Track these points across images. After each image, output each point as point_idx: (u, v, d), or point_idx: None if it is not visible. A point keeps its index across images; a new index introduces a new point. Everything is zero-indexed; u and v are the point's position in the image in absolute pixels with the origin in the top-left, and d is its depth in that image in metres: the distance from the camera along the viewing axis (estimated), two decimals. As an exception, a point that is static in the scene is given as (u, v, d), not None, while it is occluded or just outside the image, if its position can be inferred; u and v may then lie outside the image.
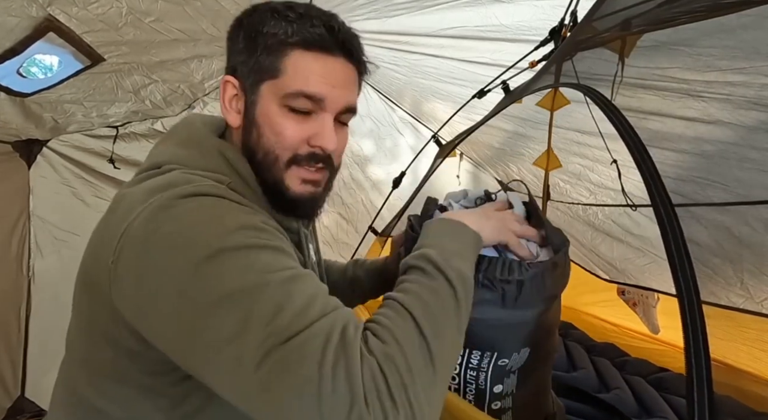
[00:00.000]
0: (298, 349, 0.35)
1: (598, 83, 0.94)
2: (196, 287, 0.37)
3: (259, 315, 0.36)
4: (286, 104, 0.48)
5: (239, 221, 0.41)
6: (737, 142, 0.99)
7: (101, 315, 0.44)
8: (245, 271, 0.38)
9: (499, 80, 1.37)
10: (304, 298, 0.38)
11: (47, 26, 0.97)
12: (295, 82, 0.47)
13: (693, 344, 0.31)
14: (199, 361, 0.38)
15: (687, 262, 0.36)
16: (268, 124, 0.49)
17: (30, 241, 1.66)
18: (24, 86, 1.21)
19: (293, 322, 0.36)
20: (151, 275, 0.39)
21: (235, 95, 0.51)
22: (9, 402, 1.62)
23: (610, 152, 1.40)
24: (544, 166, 1.93)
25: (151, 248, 0.40)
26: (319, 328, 0.36)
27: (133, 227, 0.41)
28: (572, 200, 1.89)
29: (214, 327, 0.37)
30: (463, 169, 2.27)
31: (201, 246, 0.38)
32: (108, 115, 1.56)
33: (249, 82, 0.49)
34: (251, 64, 0.49)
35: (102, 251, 0.43)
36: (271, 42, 0.47)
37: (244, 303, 0.37)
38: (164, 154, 0.51)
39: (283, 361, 0.35)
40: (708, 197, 1.15)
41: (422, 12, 1.23)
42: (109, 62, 1.22)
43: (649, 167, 0.44)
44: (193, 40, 1.27)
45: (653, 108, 1.05)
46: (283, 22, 0.47)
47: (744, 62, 0.82)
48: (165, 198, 0.41)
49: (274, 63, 0.47)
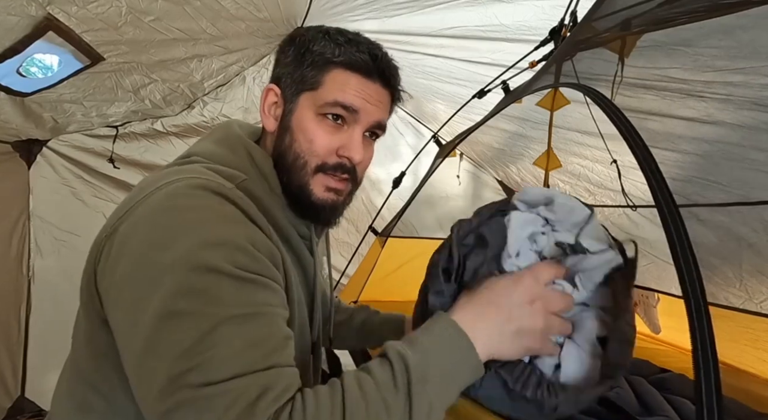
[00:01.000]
0: (205, 399, 0.35)
1: (598, 83, 0.94)
2: (153, 294, 0.38)
3: (192, 345, 0.36)
4: (321, 112, 0.52)
5: (222, 235, 0.41)
6: (737, 143, 0.99)
7: (93, 295, 0.46)
8: (200, 296, 0.38)
9: (499, 80, 1.37)
10: (242, 343, 0.37)
11: (47, 25, 0.97)
12: (332, 92, 0.52)
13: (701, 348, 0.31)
14: (128, 360, 0.41)
15: (694, 264, 0.35)
16: (302, 130, 0.52)
17: (30, 241, 1.66)
18: (24, 86, 1.21)
19: (216, 369, 0.36)
20: (125, 261, 0.41)
21: (275, 103, 0.55)
22: (9, 402, 1.62)
23: (610, 152, 1.40)
24: (544, 166, 1.93)
25: (137, 235, 0.42)
26: (234, 386, 0.35)
27: (137, 209, 0.44)
28: (572, 200, 1.89)
29: (147, 337, 0.38)
30: (463, 169, 2.27)
31: (175, 252, 0.39)
32: (108, 114, 1.56)
33: (290, 92, 0.54)
34: (295, 75, 0.53)
35: (103, 229, 0.46)
36: (317, 58, 0.52)
37: (184, 327, 0.37)
38: (196, 147, 0.55)
39: (186, 404, 0.35)
40: (708, 198, 1.15)
41: (422, 12, 1.23)
42: (108, 61, 1.22)
43: (651, 167, 0.44)
44: (192, 40, 1.27)
45: (653, 108, 1.05)
46: (332, 44, 0.52)
47: (744, 62, 0.82)
48: (172, 187, 0.44)
49: (316, 76, 0.52)
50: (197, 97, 1.67)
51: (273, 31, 1.42)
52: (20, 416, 1.63)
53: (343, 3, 1.23)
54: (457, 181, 2.24)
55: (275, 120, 0.55)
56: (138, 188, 0.48)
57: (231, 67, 1.56)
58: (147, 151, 1.77)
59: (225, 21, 1.23)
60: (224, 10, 1.17)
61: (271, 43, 1.53)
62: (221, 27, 1.25)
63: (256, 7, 1.21)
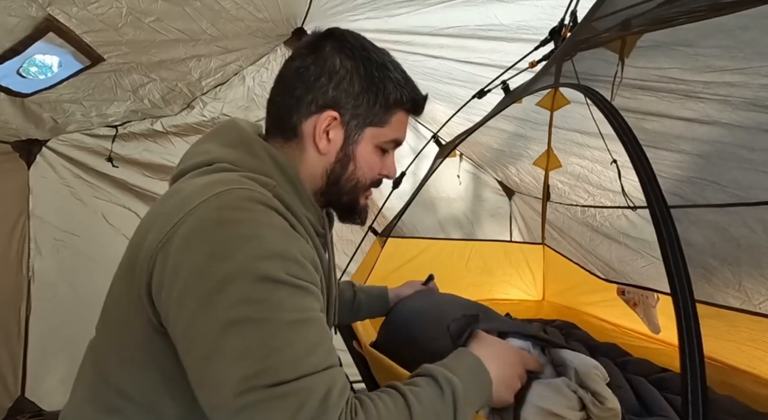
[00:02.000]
0: (279, 397, 0.38)
1: (598, 84, 0.95)
2: (215, 302, 0.40)
3: (258, 349, 0.39)
4: (380, 146, 0.60)
5: (276, 247, 0.44)
6: (736, 143, 0.99)
7: (137, 296, 0.46)
8: (261, 304, 0.41)
9: (499, 80, 1.37)
10: (304, 346, 0.41)
11: (47, 26, 0.97)
12: (394, 133, 0.60)
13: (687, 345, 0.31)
14: (192, 364, 0.42)
15: (682, 264, 0.36)
16: (365, 161, 0.59)
17: (30, 241, 1.67)
18: (24, 86, 1.22)
19: (284, 369, 0.39)
20: (185, 272, 0.42)
21: (331, 127, 0.58)
22: (9, 402, 1.63)
23: (610, 152, 1.40)
24: (544, 166, 1.93)
25: (193, 247, 0.42)
26: (305, 384, 0.39)
27: (187, 221, 0.44)
28: (571, 202, 1.89)
29: (214, 342, 0.40)
30: (463, 170, 2.27)
31: (235, 263, 0.41)
32: (107, 114, 1.56)
33: (354, 123, 0.58)
34: (362, 110, 0.57)
35: (151, 237, 0.46)
36: (387, 101, 0.58)
37: (250, 333, 0.39)
38: (212, 152, 0.55)
39: (261, 403, 0.38)
40: (706, 198, 1.15)
41: (422, 11, 1.23)
42: (108, 62, 1.22)
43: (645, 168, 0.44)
44: (192, 40, 1.27)
45: (652, 108, 1.05)
46: (394, 84, 0.58)
47: (744, 62, 0.82)
48: (222, 199, 0.45)
49: (384, 117, 0.59)
50: (196, 96, 1.66)
51: (273, 32, 1.42)
52: (20, 416, 1.64)
53: (343, 3, 1.23)
54: (457, 182, 2.24)
55: (328, 142, 0.57)
56: (179, 200, 0.47)
57: (229, 66, 1.56)
58: (146, 151, 1.77)
59: (225, 21, 1.23)
60: (224, 10, 1.17)
61: (271, 43, 1.53)
62: (221, 27, 1.25)
63: (256, 7, 1.21)
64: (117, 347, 0.49)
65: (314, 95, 0.56)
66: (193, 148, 0.59)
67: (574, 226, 1.93)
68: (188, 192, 0.47)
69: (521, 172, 2.09)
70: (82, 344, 0.55)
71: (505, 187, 2.35)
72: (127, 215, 1.76)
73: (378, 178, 0.62)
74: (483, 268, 2.08)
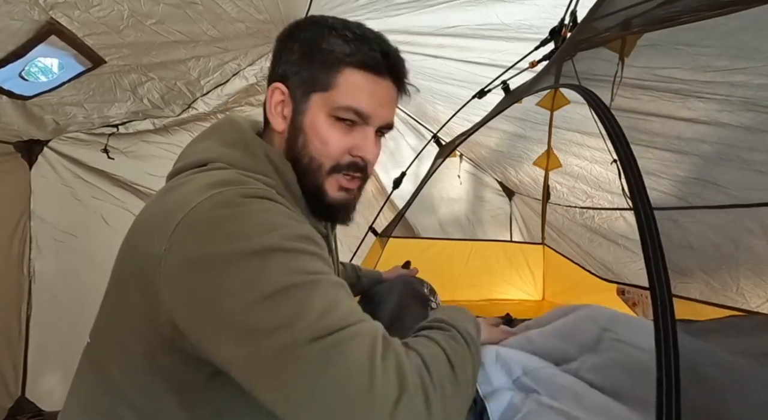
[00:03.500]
0: (348, 339, 0.38)
1: (599, 83, 0.94)
2: (251, 278, 0.39)
3: (312, 309, 0.38)
4: (334, 115, 0.52)
5: (296, 229, 0.44)
6: (736, 144, 0.99)
7: (143, 302, 0.44)
8: (300, 270, 0.40)
9: (500, 80, 1.37)
10: (348, 303, 0.41)
11: (49, 29, 0.97)
12: (346, 97, 0.51)
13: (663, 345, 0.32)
14: (242, 350, 0.38)
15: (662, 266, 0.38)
16: (315, 132, 0.52)
17: (31, 241, 1.67)
18: (26, 89, 1.21)
19: (342, 319, 0.39)
20: (209, 263, 0.40)
21: (282, 101, 0.54)
22: (10, 402, 1.63)
23: (610, 153, 1.40)
24: (544, 166, 1.93)
25: (211, 238, 0.40)
26: (365, 327, 0.40)
27: (191, 217, 0.42)
28: (569, 203, 1.89)
29: (266, 316, 0.38)
30: (464, 170, 2.27)
31: (261, 242, 0.40)
32: (109, 116, 1.56)
33: (300, 92, 0.53)
34: (304, 75, 0.52)
35: (150, 239, 0.43)
36: (328, 58, 0.51)
37: (298, 297, 0.39)
38: (210, 151, 0.52)
39: (334, 347, 0.37)
40: (706, 199, 1.15)
41: (423, 11, 1.23)
42: (109, 64, 1.22)
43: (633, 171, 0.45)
44: (193, 42, 1.28)
45: (652, 108, 1.05)
46: (341, 41, 0.51)
47: (744, 62, 0.82)
48: (226, 194, 0.43)
49: (327, 77, 0.51)
50: (196, 96, 1.66)
51: (273, 33, 1.41)
52: (20, 416, 1.64)
53: (343, 3, 1.24)
54: (457, 182, 2.25)
55: (283, 119, 0.54)
56: (177, 199, 0.45)
57: (228, 65, 1.56)
58: (144, 142, 1.76)
59: (225, 23, 1.23)
60: (225, 12, 1.17)
61: (270, 44, 1.53)
62: (222, 29, 1.25)
63: (256, 8, 1.21)
64: (122, 355, 0.47)
65: (270, 75, 0.56)
66: (191, 145, 0.57)
67: (573, 228, 1.93)
68: (186, 191, 0.45)
69: (521, 172, 2.09)
70: (83, 345, 0.54)
71: (505, 188, 2.35)
72: (127, 216, 1.76)
73: (349, 159, 0.54)
74: (483, 268, 2.08)
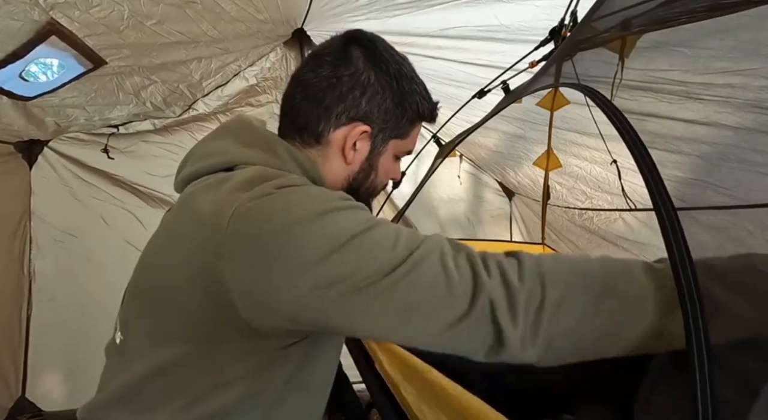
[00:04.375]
0: (421, 258, 0.42)
1: (598, 84, 0.94)
2: (320, 236, 0.42)
3: (383, 245, 0.43)
4: (397, 155, 0.63)
5: (342, 195, 0.49)
6: (736, 145, 0.99)
7: (202, 297, 0.45)
8: (360, 221, 0.45)
9: (499, 80, 1.37)
10: (407, 231, 0.46)
11: (50, 30, 0.97)
12: (412, 143, 0.63)
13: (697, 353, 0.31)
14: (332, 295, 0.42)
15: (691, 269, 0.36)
16: (384, 169, 0.62)
17: (31, 241, 1.67)
18: (26, 90, 1.22)
19: (409, 244, 0.43)
20: (277, 235, 0.42)
21: (360, 139, 0.59)
22: (10, 402, 1.63)
23: (610, 153, 1.40)
24: (544, 167, 1.93)
25: (270, 218, 0.43)
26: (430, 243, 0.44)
27: (243, 209, 0.44)
28: (568, 204, 1.89)
29: (349, 261, 0.42)
30: (463, 171, 2.27)
31: (320, 206, 0.44)
32: (110, 118, 1.57)
33: (381, 136, 0.60)
34: (391, 123, 0.59)
35: (201, 237, 0.45)
36: (413, 115, 0.60)
37: (368, 239, 0.43)
38: (231, 153, 0.53)
39: (412, 269, 0.41)
40: (706, 200, 1.15)
41: (423, 12, 1.24)
42: (110, 65, 1.22)
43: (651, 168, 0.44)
44: (193, 43, 1.28)
45: (652, 109, 1.05)
46: (420, 99, 0.59)
47: (744, 63, 0.82)
48: (267, 186, 0.46)
49: (407, 129, 0.61)
50: (197, 98, 1.67)
51: (273, 32, 1.42)
52: (20, 416, 1.64)
53: (343, 4, 1.24)
54: (457, 182, 2.25)
55: (354, 151, 0.59)
56: (218, 198, 0.46)
57: (229, 67, 1.56)
58: (144, 141, 1.77)
59: (225, 23, 1.23)
60: (225, 12, 1.17)
61: (270, 44, 1.53)
62: (222, 29, 1.26)
63: (256, 8, 1.21)
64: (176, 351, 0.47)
65: (346, 107, 0.56)
66: (203, 145, 0.56)
67: (572, 229, 1.93)
68: (227, 188, 0.46)
69: (520, 173, 2.09)
70: (83, 345, 0.54)
71: (505, 188, 2.35)
72: (126, 216, 1.76)
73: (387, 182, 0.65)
74: (483, 269, 2.08)
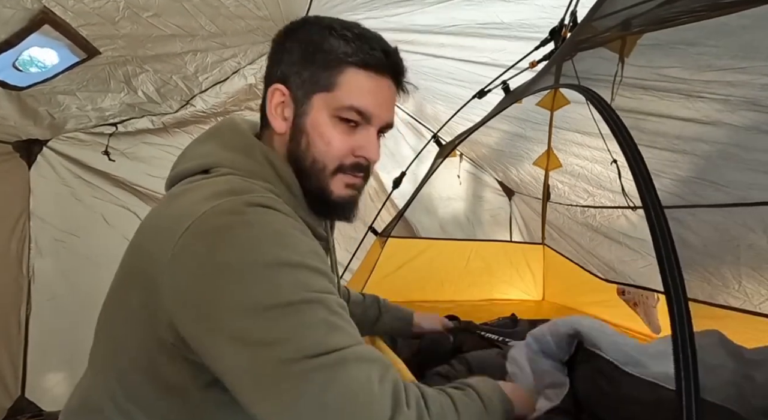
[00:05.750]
0: (350, 360, 0.39)
1: (598, 83, 0.94)
2: (259, 289, 0.39)
3: (316, 326, 0.40)
4: (337, 115, 0.52)
5: (303, 243, 0.44)
6: (736, 143, 0.99)
7: (145, 307, 0.44)
8: (307, 287, 0.41)
9: (499, 80, 1.37)
10: (350, 325, 0.43)
11: (43, 19, 0.96)
12: (349, 97, 0.52)
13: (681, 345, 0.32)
14: (242, 360, 0.39)
15: (676, 264, 0.37)
16: (318, 133, 0.52)
17: (30, 241, 1.66)
18: (19, 80, 1.20)
19: (344, 340, 0.40)
20: (216, 272, 0.40)
21: (283, 102, 0.54)
22: (9, 402, 1.63)
23: (610, 153, 1.40)
24: (544, 166, 1.93)
25: (219, 247, 0.41)
26: (365, 350, 0.42)
27: (198, 226, 0.42)
28: (571, 202, 1.89)
29: (270, 328, 0.39)
30: (463, 170, 2.27)
31: (270, 254, 0.41)
32: (103, 108, 1.55)
33: (301, 93, 0.52)
34: (306, 76, 0.52)
35: (156, 246, 0.44)
36: (329, 58, 0.51)
37: (304, 312, 0.40)
38: (212, 156, 0.53)
39: (335, 366, 0.38)
40: (706, 198, 1.15)
41: (423, 10, 1.23)
42: (104, 55, 1.21)
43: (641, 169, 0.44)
44: (190, 36, 1.27)
45: (653, 108, 1.05)
46: (342, 41, 0.51)
47: (744, 62, 0.82)
48: (232, 203, 0.43)
49: (329, 77, 0.51)
50: (194, 93, 1.66)
51: (272, 30, 1.41)
52: (20, 416, 1.64)
53: (343, 2, 1.23)
54: (457, 182, 2.25)
55: (284, 120, 0.54)
56: (182, 207, 0.45)
57: (227, 63, 1.55)
58: (145, 143, 1.76)
59: (224, 18, 1.23)
60: (223, 7, 1.17)
61: (270, 42, 1.53)
62: (220, 24, 1.25)
63: (255, 5, 1.21)
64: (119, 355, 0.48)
65: (268, 76, 0.55)
66: (192, 148, 0.57)
67: (574, 227, 1.93)
68: (191, 199, 0.46)
69: (521, 172, 2.09)
70: (83, 345, 0.55)
71: (505, 188, 2.35)
72: (127, 216, 1.76)
73: (352, 159, 0.54)
74: (483, 269, 2.08)
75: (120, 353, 0.48)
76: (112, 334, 0.49)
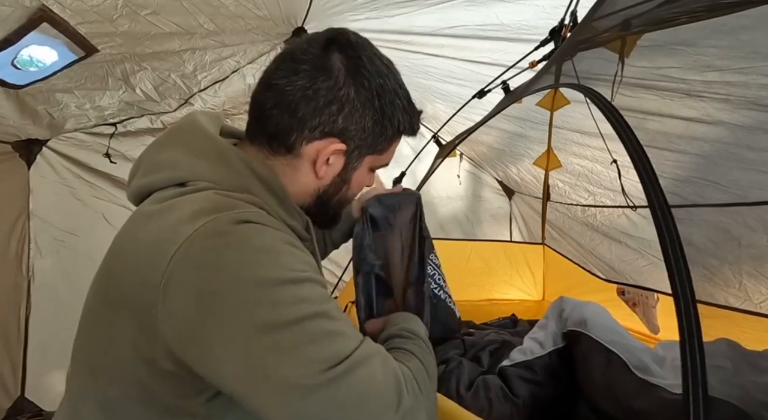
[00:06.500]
0: (358, 364, 0.41)
1: (598, 83, 0.94)
2: (261, 311, 0.40)
3: (323, 339, 0.41)
4: (372, 169, 0.60)
5: (296, 257, 0.45)
6: (736, 143, 0.99)
7: (136, 335, 0.43)
8: (308, 301, 0.42)
9: (500, 80, 1.37)
10: (350, 329, 0.45)
11: (41, 16, 0.96)
12: (389, 157, 0.60)
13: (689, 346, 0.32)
14: (256, 380, 0.40)
15: (683, 264, 0.36)
16: (358, 183, 0.60)
17: (30, 241, 1.66)
18: (18, 78, 1.20)
19: (348, 344, 0.42)
20: (216, 297, 0.40)
21: (334, 155, 0.55)
22: (9, 402, 1.62)
23: (610, 152, 1.40)
24: (544, 166, 1.93)
25: (213, 271, 0.40)
26: (366, 349, 0.44)
27: (186, 251, 0.41)
28: (571, 201, 1.89)
29: (281, 346, 0.39)
30: (463, 169, 2.27)
31: (264, 273, 0.41)
32: (102, 107, 1.54)
33: (357, 152, 0.56)
34: (369, 141, 0.55)
35: (142, 272, 0.42)
36: (393, 131, 0.56)
37: (309, 327, 0.41)
38: (181, 166, 0.50)
39: (346, 373, 0.40)
40: (706, 198, 1.15)
41: (423, 11, 1.23)
42: (102, 53, 1.21)
43: (646, 167, 0.44)
44: (189, 34, 1.27)
45: (653, 108, 1.05)
46: (403, 114, 0.56)
47: (744, 62, 0.82)
48: (217, 222, 0.42)
49: (385, 145, 0.57)
50: (193, 91, 1.65)
51: (272, 30, 1.41)
52: (20, 416, 1.63)
53: (343, 2, 1.23)
54: (457, 182, 2.25)
55: (328, 166, 0.55)
56: (163, 230, 0.43)
57: (226, 61, 1.55)
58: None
59: (223, 18, 1.22)
60: (223, 6, 1.16)
61: (270, 42, 1.53)
62: (219, 23, 1.25)
63: (255, 4, 1.20)
64: (107, 385, 0.46)
65: (321, 122, 0.51)
66: (152, 154, 0.53)
67: (574, 226, 1.93)
68: (173, 219, 0.43)
69: (521, 171, 2.09)
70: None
71: (505, 187, 2.35)
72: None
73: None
74: (483, 268, 2.08)
75: (105, 383, 0.46)
76: (93, 364, 0.47)
